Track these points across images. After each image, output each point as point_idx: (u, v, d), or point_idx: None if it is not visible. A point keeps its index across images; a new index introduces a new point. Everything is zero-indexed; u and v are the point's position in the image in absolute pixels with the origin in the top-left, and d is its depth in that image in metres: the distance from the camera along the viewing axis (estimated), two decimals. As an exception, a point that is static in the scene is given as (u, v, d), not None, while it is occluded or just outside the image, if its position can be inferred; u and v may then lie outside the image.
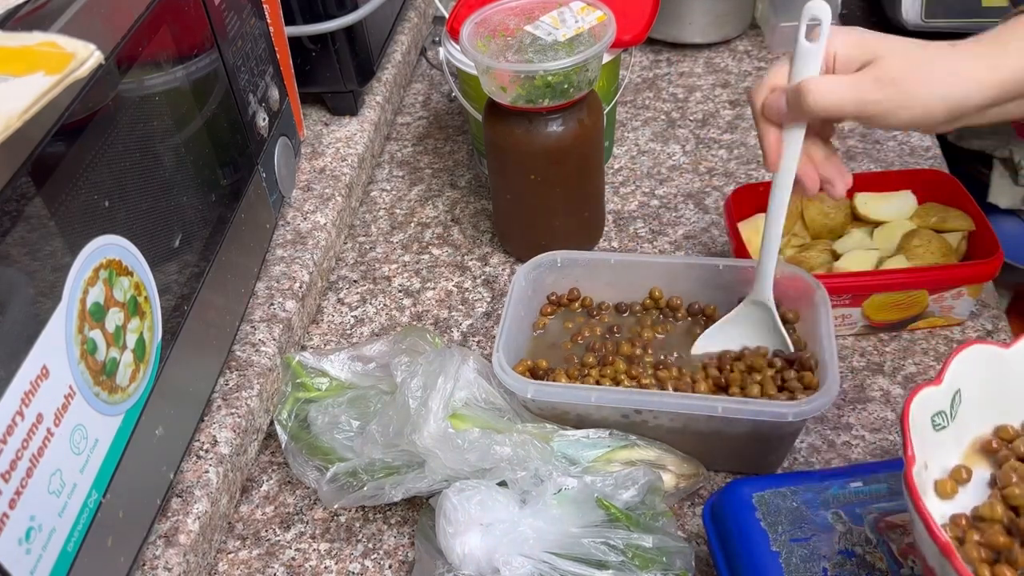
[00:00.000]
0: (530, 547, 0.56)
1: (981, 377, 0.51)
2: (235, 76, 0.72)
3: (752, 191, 0.83)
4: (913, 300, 0.75)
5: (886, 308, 0.75)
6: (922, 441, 0.48)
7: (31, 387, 0.44)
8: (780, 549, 0.54)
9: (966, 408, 0.51)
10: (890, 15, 1.09)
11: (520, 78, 0.74)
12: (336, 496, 0.64)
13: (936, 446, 0.50)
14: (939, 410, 0.50)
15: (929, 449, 0.49)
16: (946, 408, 0.51)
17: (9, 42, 0.45)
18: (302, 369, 0.71)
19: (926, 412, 0.50)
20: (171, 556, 0.59)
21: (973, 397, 0.51)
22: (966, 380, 0.51)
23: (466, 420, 0.64)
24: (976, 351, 0.51)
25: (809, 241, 0.82)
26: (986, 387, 0.51)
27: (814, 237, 0.82)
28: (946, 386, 0.50)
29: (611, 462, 0.63)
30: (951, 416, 0.51)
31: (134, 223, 0.55)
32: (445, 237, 0.93)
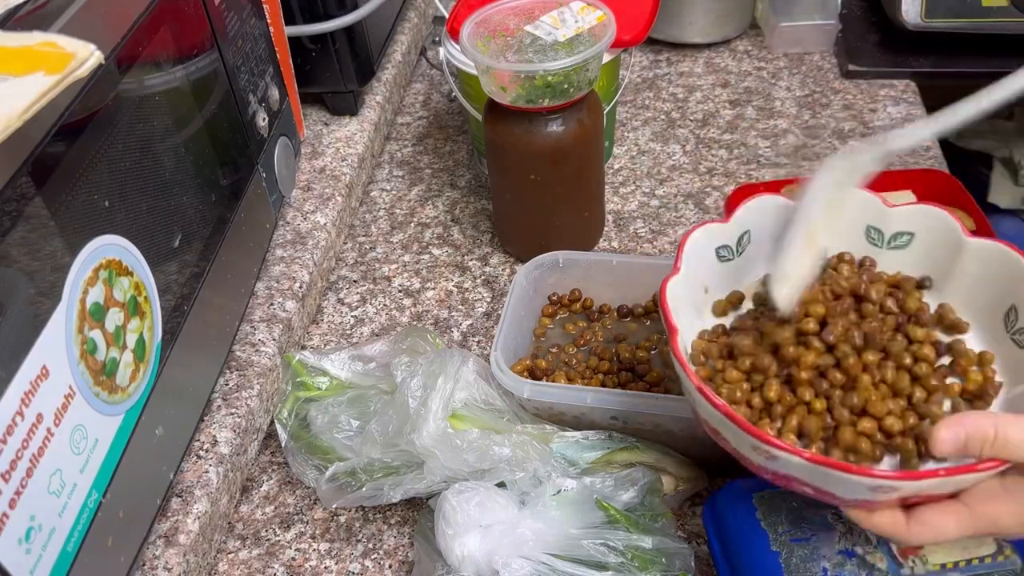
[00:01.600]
0: (529, 548, 0.56)
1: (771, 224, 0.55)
2: (235, 76, 0.72)
3: (752, 191, 0.83)
4: None
5: None
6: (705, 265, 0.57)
7: (31, 387, 0.44)
8: (780, 549, 0.54)
9: (755, 250, 0.58)
10: (890, 15, 1.09)
11: (520, 78, 0.74)
12: (335, 496, 0.64)
13: (721, 275, 0.58)
14: (724, 243, 0.57)
15: (712, 275, 0.57)
16: (732, 243, 0.58)
17: (9, 42, 0.45)
18: (302, 368, 0.71)
19: (709, 243, 0.57)
20: (171, 556, 0.59)
21: (761, 241, 0.57)
22: (756, 224, 0.57)
23: (465, 420, 0.64)
24: (767, 199, 0.57)
25: None
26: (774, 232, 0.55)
27: (814, 237, 0.82)
28: (733, 225, 0.57)
29: (611, 464, 0.63)
30: (736, 251, 0.58)
31: (134, 223, 0.55)
32: (445, 237, 0.93)
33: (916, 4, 1.04)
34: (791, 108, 1.05)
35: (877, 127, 1.01)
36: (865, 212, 0.58)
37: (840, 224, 0.56)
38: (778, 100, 1.07)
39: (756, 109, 1.06)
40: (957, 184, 0.81)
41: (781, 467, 0.47)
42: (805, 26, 1.12)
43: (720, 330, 0.56)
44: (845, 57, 1.10)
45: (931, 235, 0.57)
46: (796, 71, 1.11)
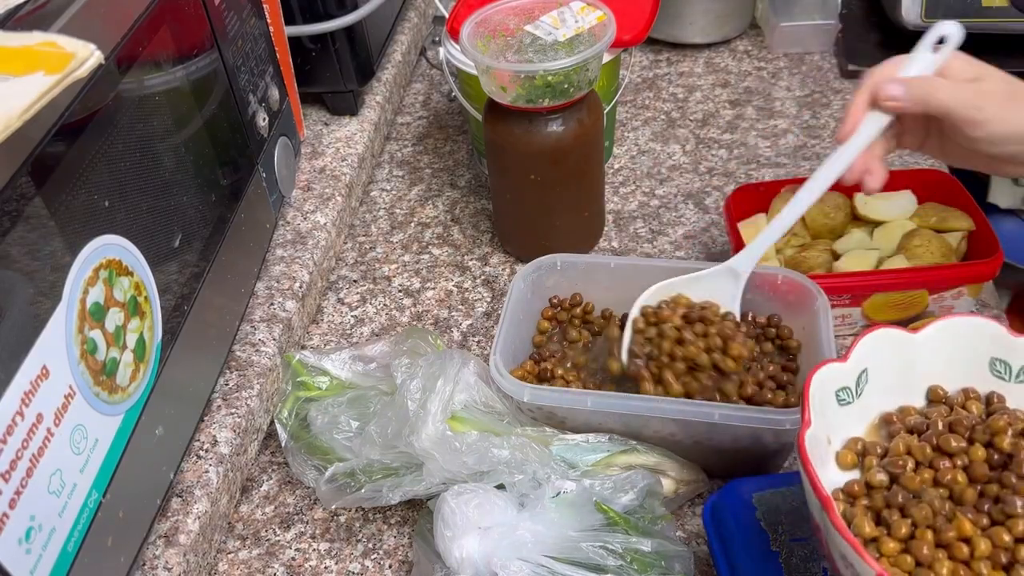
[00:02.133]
0: (528, 551, 0.56)
1: (888, 359, 0.53)
2: (235, 76, 0.72)
3: (752, 191, 0.83)
4: (913, 300, 0.75)
5: (886, 308, 0.75)
6: (824, 414, 0.51)
7: (31, 387, 0.44)
8: (780, 549, 0.54)
9: (872, 388, 0.53)
10: (890, 15, 1.09)
11: (520, 78, 0.74)
12: (334, 496, 0.64)
13: (841, 421, 0.52)
14: (844, 386, 0.52)
15: (833, 422, 0.52)
16: (851, 385, 0.53)
17: (9, 42, 0.45)
18: (303, 368, 0.71)
19: (830, 386, 0.52)
20: (171, 556, 0.59)
21: (880, 378, 0.53)
22: (873, 361, 0.53)
23: (465, 423, 0.64)
24: (883, 334, 0.53)
25: (809, 241, 0.82)
26: (893, 369, 0.53)
27: (814, 237, 0.82)
28: (852, 364, 0.52)
29: (610, 466, 0.63)
30: (856, 393, 0.53)
31: (134, 223, 0.55)
32: (445, 237, 0.93)
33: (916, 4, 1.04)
34: (791, 108, 1.05)
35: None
36: (989, 343, 0.53)
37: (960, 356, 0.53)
38: (778, 100, 1.07)
39: (756, 109, 1.06)
40: (957, 184, 0.81)
41: None
42: (805, 26, 1.13)
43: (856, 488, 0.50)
44: (845, 57, 1.10)
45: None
46: (796, 71, 1.11)
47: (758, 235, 0.68)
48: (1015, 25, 1.02)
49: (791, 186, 0.83)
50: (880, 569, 0.42)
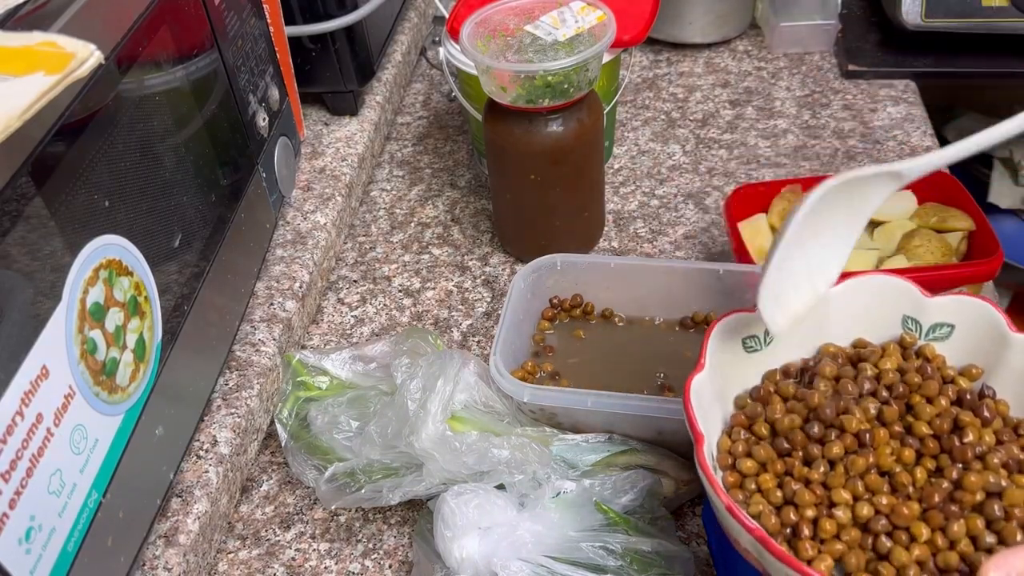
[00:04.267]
0: (528, 551, 0.56)
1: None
2: (235, 76, 0.72)
3: (752, 191, 0.83)
4: None
5: None
6: (724, 358, 0.53)
7: (31, 387, 0.44)
8: (779, 549, 0.54)
9: (781, 340, 0.55)
10: (890, 15, 1.09)
11: (520, 78, 0.74)
12: (334, 496, 0.64)
13: (746, 368, 0.55)
14: (752, 334, 0.54)
15: (736, 370, 0.54)
16: (759, 333, 0.54)
17: (9, 42, 0.45)
18: (303, 367, 0.71)
19: (737, 333, 0.54)
20: (171, 556, 0.59)
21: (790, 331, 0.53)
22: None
23: (465, 423, 0.64)
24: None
25: None
26: (804, 323, 0.53)
27: (814, 237, 0.82)
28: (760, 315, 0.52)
29: (610, 466, 0.63)
30: (764, 342, 0.55)
31: (134, 223, 0.55)
32: (445, 237, 0.93)
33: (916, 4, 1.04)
34: (791, 108, 1.05)
35: (877, 127, 1.01)
36: (900, 301, 0.55)
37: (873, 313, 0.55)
38: (778, 100, 1.07)
39: (756, 109, 1.06)
40: (957, 184, 0.81)
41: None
42: (805, 26, 1.13)
43: (744, 425, 0.53)
44: (845, 57, 1.10)
45: (974, 328, 0.54)
46: (796, 71, 1.11)
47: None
48: (1015, 25, 1.02)
49: (791, 186, 0.83)
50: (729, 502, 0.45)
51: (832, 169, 0.96)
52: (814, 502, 0.48)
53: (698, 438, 0.48)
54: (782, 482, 0.49)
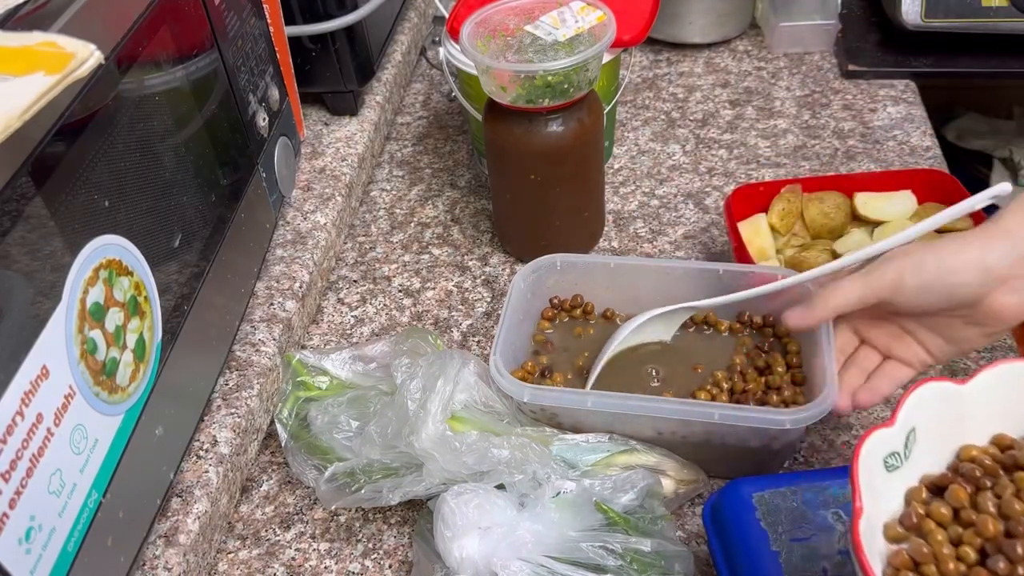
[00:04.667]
0: (528, 551, 0.56)
1: (936, 414, 0.49)
2: (235, 76, 0.72)
3: (752, 191, 0.83)
4: None
5: None
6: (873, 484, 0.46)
7: (31, 387, 0.44)
8: (780, 549, 0.54)
9: (920, 446, 0.49)
10: (890, 15, 1.09)
11: (520, 78, 0.74)
12: (334, 496, 0.64)
13: (888, 487, 0.48)
14: (892, 451, 0.48)
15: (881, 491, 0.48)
16: (900, 448, 0.49)
17: (9, 42, 0.45)
18: (303, 367, 0.71)
19: (879, 454, 0.48)
20: (171, 556, 0.59)
21: (927, 435, 0.49)
22: (920, 418, 0.49)
23: (465, 422, 0.64)
24: (931, 389, 0.49)
25: (809, 241, 0.82)
26: (942, 426, 0.49)
27: (814, 237, 0.82)
28: (899, 426, 0.48)
29: (610, 466, 0.63)
30: (905, 456, 0.49)
31: (134, 223, 0.55)
32: (445, 237, 0.93)
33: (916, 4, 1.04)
34: (791, 108, 1.05)
35: (877, 127, 1.01)
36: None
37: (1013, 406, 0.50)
38: (778, 100, 1.07)
39: (756, 109, 1.06)
40: (956, 184, 0.81)
41: None
42: (805, 26, 1.13)
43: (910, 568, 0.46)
44: (845, 57, 1.10)
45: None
46: (796, 71, 1.11)
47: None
48: (1015, 25, 1.02)
49: (791, 186, 0.83)
50: None
51: (832, 169, 0.96)
52: None
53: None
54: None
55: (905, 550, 0.46)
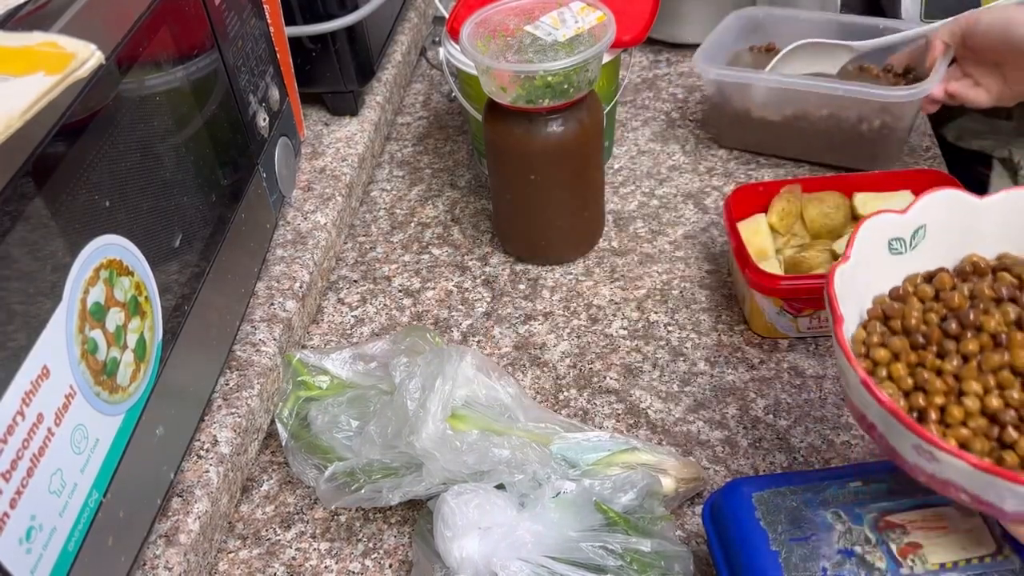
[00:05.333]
0: (528, 551, 0.56)
1: (948, 219, 0.56)
2: (235, 76, 0.72)
3: (752, 191, 0.83)
4: None
5: None
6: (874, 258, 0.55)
7: (32, 387, 0.44)
8: (779, 548, 0.54)
9: (928, 244, 0.56)
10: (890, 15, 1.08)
11: (520, 78, 0.74)
12: (334, 496, 0.64)
13: (890, 266, 0.56)
14: (898, 236, 0.56)
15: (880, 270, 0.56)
16: (906, 237, 0.56)
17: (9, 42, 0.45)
18: (303, 367, 0.71)
19: (885, 234, 0.56)
20: (171, 555, 0.59)
21: (938, 237, 0.56)
22: (933, 218, 0.56)
23: (465, 421, 0.64)
24: (947, 194, 0.56)
25: (809, 241, 0.82)
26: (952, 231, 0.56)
27: (814, 237, 0.82)
28: (910, 217, 0.56)
29: (611, 466, 0.63)
30: (910, 246, 0.56)
31: (135, 223, 0.55)
32: (445, 237, 0.93)
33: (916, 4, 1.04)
34: (791, 108, 1.05)
35: (877, 127, 1.00)
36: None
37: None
38: (778, 100, 1.06)
39: (756, 109, 1.05)
40: (956, 183, 0.81)
41: (941, 471, 0.46)
42: (805, 26, 1.13)
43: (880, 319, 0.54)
44: (845, 57, 1.10)
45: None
46: (796, 71, 1.11)
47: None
48: (1015, 25, 1.02)
49: (791, 186, 0.83)
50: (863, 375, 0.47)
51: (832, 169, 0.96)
52: (944, 390, 0.50)
53: (837, 319, 0.50)
54: (913, 372, 0.51)
55: (881, 306, 0.54)
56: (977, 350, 0.51)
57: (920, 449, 0.45)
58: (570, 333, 0.81)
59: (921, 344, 0.52)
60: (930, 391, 0.50)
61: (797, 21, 1.00)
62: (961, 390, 0.50)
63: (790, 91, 0.91)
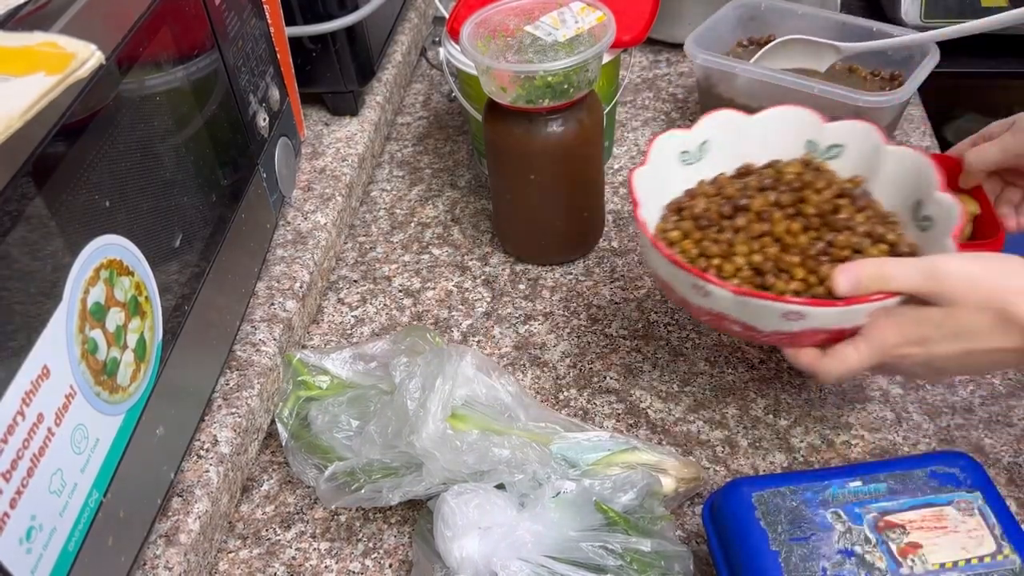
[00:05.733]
0: (528, 551, 0.56)
1: (727, 134, 0.70)
2: (235, 76, 0.72)
3: None
4: None
5: None
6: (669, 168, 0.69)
7: (32, 387, 0.44)
8: (779, 548, 0.54)
9: (713, 155, 0.70)
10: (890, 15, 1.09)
11: (520, 78, 0.74)
12: (334, 496, 0.64)
13: (684, 174, 0.70)
14: (686, 149, 0.70)
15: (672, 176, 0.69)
16: (693, 150, 0.70)
17: (9, 42, 0.45)
18: (303, 367, 0.71)
19: (675, 147, 0.69)
20: (172, 555, 0.59)
21: (719, 148, 0.70)
22: (714, 134, 0.70)
23: (466, 420, 0.64)
24: (724, 114, 0.70)
25: None
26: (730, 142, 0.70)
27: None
28: (694, 133, 0.70)
29: (611, 465, 0.63)
30: (698, 157, 0.70)
31: (135, 223, 0.55)
32: (445, 237, 0.93)
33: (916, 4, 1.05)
34: (791, 108, 1.05)
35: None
36: (804, 128, 0.70)
37: (784, 137, 0.70)
38: (778, 100, 1.07)
39: (756, 109, 1.06)
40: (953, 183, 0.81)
41: (714, 304, 0.59)
42: (805, 26, 1.13)
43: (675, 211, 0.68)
44: (845, 57, 1.10)
45: (859, 145, 0.69)
46: (796, 71, 1.11)
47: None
48: (1015, 25, 1.02)
49: None
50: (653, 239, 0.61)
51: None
52: (719, 253, 0.63)
53: (636, 203, 0.63)
54: (698, 244, 0.64)
55: (676, 202, 0.68)
56: (746, 224, 0.64)
57: (697, 287, 0.59)
58: (570, 333, 0.81)
59: (705, 225, 0.65)
60: (709, 254, 0.63)
61: (795, 15, 1.00)
62: (733, 252, 0.63)
63: (768, 84, 0.92)
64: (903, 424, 0.71)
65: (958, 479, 0.56)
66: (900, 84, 0.92)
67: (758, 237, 0.63)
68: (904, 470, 0.57)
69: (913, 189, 0.66)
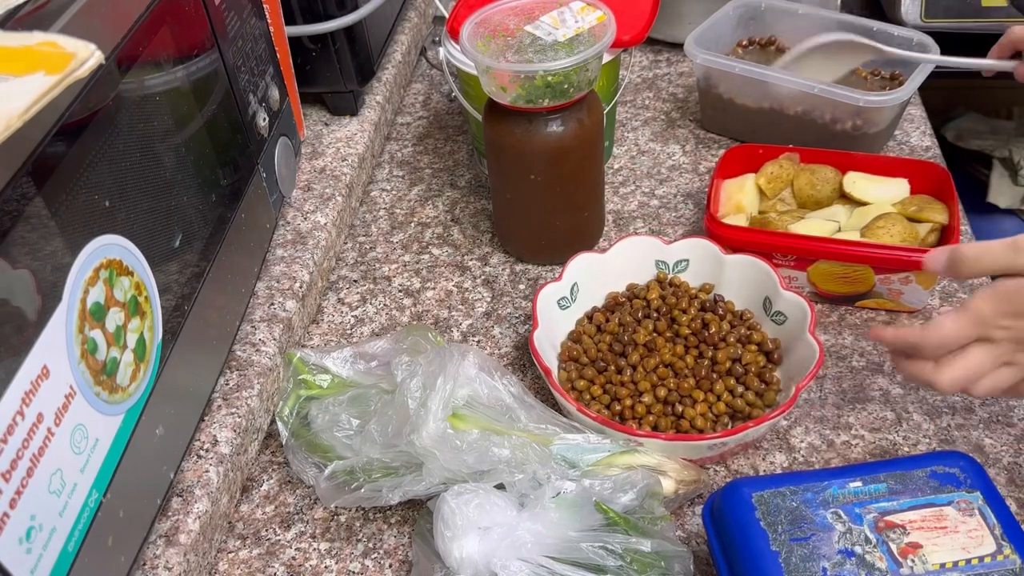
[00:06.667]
0: (528, 551, 0.56)
1: (589, 274, 0.78)
2: (235, 76, 0.72)
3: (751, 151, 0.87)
4: (859, 276, 0.77)
5: (830, 279, 0.78)
6: (552, 317, 0.75)
7: (32, 387, 0.44)
8: (780, 549, 0.54)
9: (583, 294, 0.79)
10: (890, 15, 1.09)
11: (520, 78, 0.74)
12: (334, 494, 0.64)
13: (564, 319, 0.78)
14: (562, 296, 0.77)
15: (557, 323, 0.77)
16: (567, 295, 0.78)
17: (9, 42, 0.45)
18: (304, 366, 0.71)
19: (553, 298, 0.76)
20: (171, 555, 0.59)
21: (586, 287, 0.78)
22: (579, 276, 0.78)
23: (466, 420, 0.64)
24: (583, 257, 0.78)
25: (794, 208, 0.85)
26: (593, 280, 0.79)
27: (800, 206, 0.86)
28: (565, 281, 0.77)
29: (611, 466, 0.63)
30: (572, 300, 0.78)
31: (134, 223, 0.55)
32: (445, 237, 0.93)
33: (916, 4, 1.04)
34: (791, 108, 1.05)
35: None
36: (652, 252, 0.80)
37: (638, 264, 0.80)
38: (778, 100, 1.06)
39: (756, 109, 1.05)
40: (948, 179, 0.82)
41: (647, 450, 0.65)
42: (805, 26, 1.13)
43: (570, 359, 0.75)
44: (845, 57, 1.10)
45: (702, 258, 0.79)
46: (796, 71, 1.11)
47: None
48: (1015, 25, 1.02)
49: (789, 154, 0.86)
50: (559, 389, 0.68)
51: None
52: (628, 394, 0.71)
53: (547, 371, 0.69)
54: (606, 388, 0.72)
55: (566, 349, 0.75)
56: (638, 358, 0.72)
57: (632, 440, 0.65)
58: (570, 333, 0.81)
59: (603, 367, 0.73)
60: (620, 397, 0.71)
61: (795, 15, 1.00)
62: (639, 390, 0.71)
63: (765, 84, 0.92)
64: (903, 424, 0.71)
65: (958, 479, 0.56)
66: (900, 84, 0.92)
67: (654, 369, 0.72)
68: (904, 470, 0.57)
69: (759, 288, 0.76)
